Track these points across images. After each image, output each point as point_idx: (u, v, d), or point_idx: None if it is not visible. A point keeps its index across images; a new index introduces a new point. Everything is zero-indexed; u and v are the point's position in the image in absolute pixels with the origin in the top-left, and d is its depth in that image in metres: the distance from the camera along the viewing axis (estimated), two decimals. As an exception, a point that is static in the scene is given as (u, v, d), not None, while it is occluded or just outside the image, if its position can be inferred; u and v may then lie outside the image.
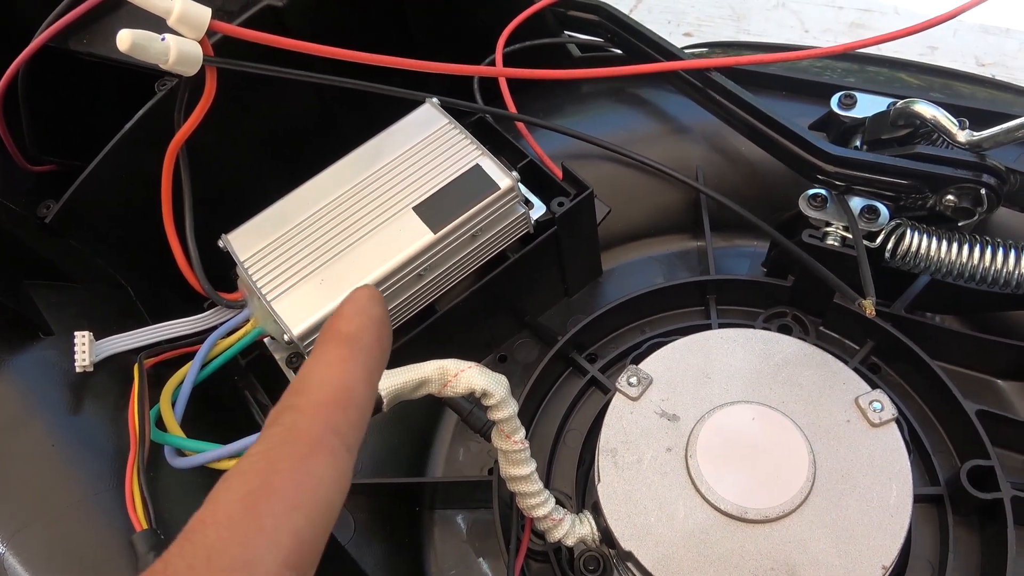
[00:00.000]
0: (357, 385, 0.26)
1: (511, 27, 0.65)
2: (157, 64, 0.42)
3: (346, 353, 0.27)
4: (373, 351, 0.28)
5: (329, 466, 0.24)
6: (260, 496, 0.22)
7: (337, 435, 0.24)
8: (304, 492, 0.22)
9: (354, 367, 0.27)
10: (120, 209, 0.55)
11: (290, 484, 0.22)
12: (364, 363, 0.27)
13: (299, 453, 0.23)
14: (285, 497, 0.22)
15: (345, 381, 0.26)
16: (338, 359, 0.27)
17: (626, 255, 0.66)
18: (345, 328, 0.28)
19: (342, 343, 0.27)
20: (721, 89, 0.58)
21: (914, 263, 0.52)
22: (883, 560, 0.42)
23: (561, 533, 0.44)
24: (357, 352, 0.27)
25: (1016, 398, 0.56)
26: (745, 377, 0.49)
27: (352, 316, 0.28)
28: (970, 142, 0.50)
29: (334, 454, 0.24)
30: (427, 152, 0.52)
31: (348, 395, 0.26)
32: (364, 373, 0.27)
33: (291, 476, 0.23)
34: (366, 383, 0.27)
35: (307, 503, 0.22)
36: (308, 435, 0.24)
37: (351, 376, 0.26)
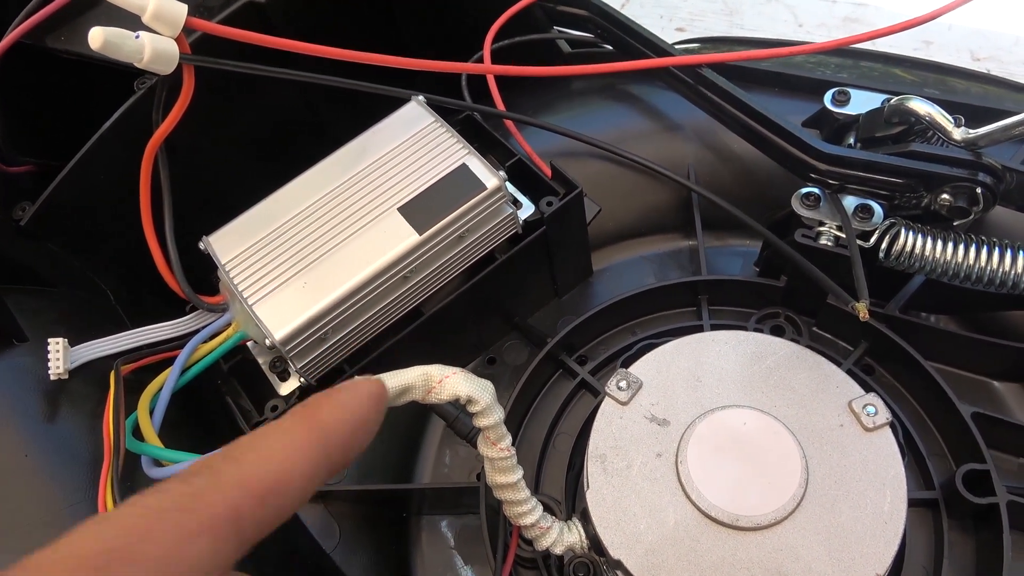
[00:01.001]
0: (295, 480, 0.24)
1: (499, 23, 0.64)
2: (132, 63, 0.41)
3: (306, 441, 0.25)
4: (334, 455, 0.25)
5: (207, 555, 0.21)
6: (115, 559, 0.20)
7: (236, 526, 0.22)
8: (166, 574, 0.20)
9: (304, 461, 0.24)
10: (98, 211, 0.54)
11: (154, 561, 0.20)
12: (316, 462, 0.25)
13: (185, 529, 0.21)
14: (142, 572, 0.20)
15: (285, 470, 0.24)
16: (294, 443, 0.25)
17: (617, 255, 0.65)
18: (326, 416, 0.26)
19: (312, 428, 0.25)
20: (712, 86, 0.57)
21: (909, 263, 0.52)
22: (877, 568, 0.41)
23: (549, 541, 0.43)
24: (318, 447, 0.25)
25: (1012, 400, 0.55)
26: (736, 380, 0.48)
27: (339, 406, 0.26)
28: (966, 140, 0.49)
29: (219, 543, 0.22)
30: (412, 151, 0.51)
31: (278, 487, 0.24)
32: (310, 471, 0.25)
33: (161, 551, 0.20)
34: (305, 482, 0.24)
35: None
36: (207, 512, 0.22)
37: (295, 468, 0.24)
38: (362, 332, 0.50)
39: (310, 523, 0.53)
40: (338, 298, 0.47)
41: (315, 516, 0.53)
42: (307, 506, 0.54)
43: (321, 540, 0.53)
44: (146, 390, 0.46)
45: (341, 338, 0.49)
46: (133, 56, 0.41)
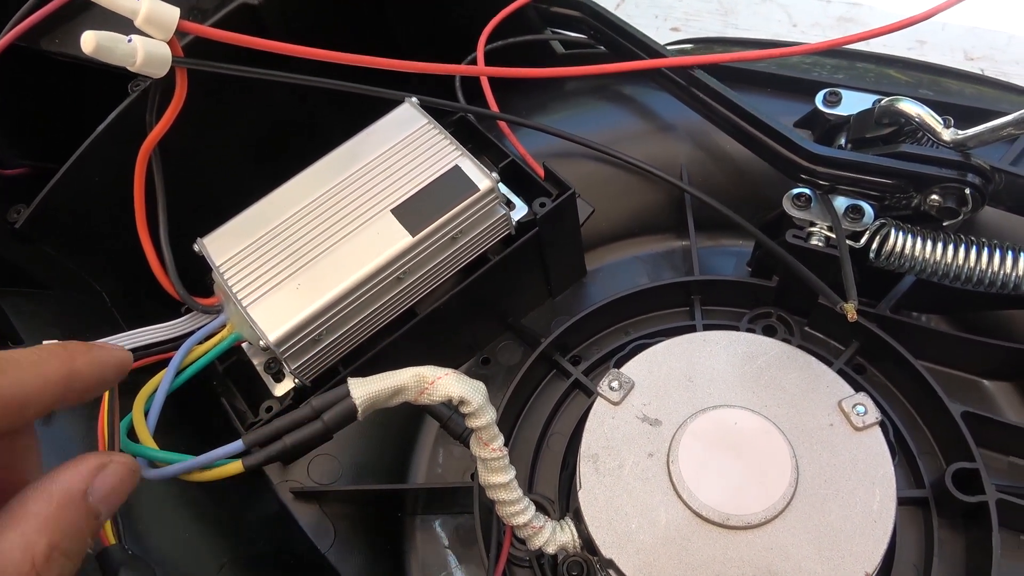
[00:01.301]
0: (32, 405, 0.26)
1: (492, 24, 0.65)
2: (124, 66, 0.42)
3: (55, 376, 0.28)
4: (69, 398, 0.28)
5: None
6: None
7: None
8: None
9: (46, 392, 0.27)
10: (94, 213, 0.54)
11: None
12: (55, 396, 0.27)
13: None
14: None
15: (30, 393, 0.27)
16: (45, 374, 0.27)
17: (610, 255, 0.66)
18: (80, 364, 0.29)
19: (62, 367, 0.28)
20: (704, 87, 0.58)
21: (899, 263, 0.52)
22: (866, 567, 0.41)
23: (541, 541, 0.44)
24: (62, 386, 0.28)
25: (1002, 399, 0.55)
26: (728, 380, 0.48)
27: (94, 362, 0.29)
28: (955, 141, 0.50)
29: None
30: (406, 153, 0.51)
31: (20, 406, 0.26)
32: (47, 402, 0.27)
33: None
34: (38, 409, 0.27)
35: None
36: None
37: (39, 395, 0.27)
38: (356, 333, 0.50)
39: (305, 523, 0.53)
40: (332, 300, 0.47)
41: (310, 516, 0.54)
42: (302, 506, 0.54)
43: (316, 540, 0.53)
44: (141, 392, 0.46)
45: (335, 339, 0.49)
46: (126, 60, 0.41)
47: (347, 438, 0.56)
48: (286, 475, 0.56)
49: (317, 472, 0.56)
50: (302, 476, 0.56)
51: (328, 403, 0.39)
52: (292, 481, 0.55)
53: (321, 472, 0.56)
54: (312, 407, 0.40)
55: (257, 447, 0.40)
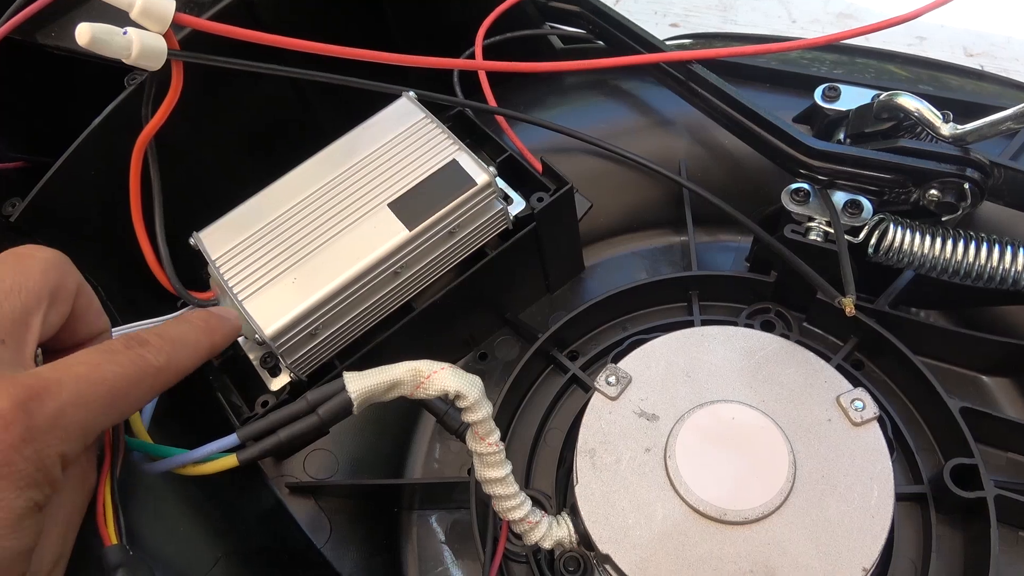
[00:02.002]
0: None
1: (491, 18, 0.65)
2: (120, 59, 0.41)
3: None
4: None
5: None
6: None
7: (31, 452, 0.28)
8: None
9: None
10: (89, 207, 0.54)
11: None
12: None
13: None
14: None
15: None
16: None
17: (608, 250, 0.66)
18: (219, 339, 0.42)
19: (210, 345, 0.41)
20: (703, 82, 0.57)
21: (898, 258, 0.52)
22: (863, 562, 0.41)
23: (538, 536, 0.44)
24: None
25: (1000, 394, 0.55)
26: (725, 376, 0.48)
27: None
28: (954, 135, 0.49)
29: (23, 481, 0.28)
30: (403, 147, 0.51)
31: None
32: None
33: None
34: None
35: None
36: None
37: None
38: (353, 328, 0.50)
39: (301, 518, 0.53)
40: (328, 294, 0.47)
41: (306, 511, 0.54)
42: (298, 501, 0.54)
43: (312, 535, 0.53)
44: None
45: (331, 334, 0.49)
46: (121, 52, 0.41)
47: (343, 432, 0.56)
48: (282, 470, 0.55)
49: (313, 467, 0.56)
50: (298, 471, 0.56)
51: (323, 397, 0.39)
52: (288, 476, 0.55)
53: (317, 467, 0.56)
54: (307, 401, 0.39)
55: (252, 441, 0.40)
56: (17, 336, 0.32)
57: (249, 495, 0.53)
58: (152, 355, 0.34)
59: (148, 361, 0.33)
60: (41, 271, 0.34)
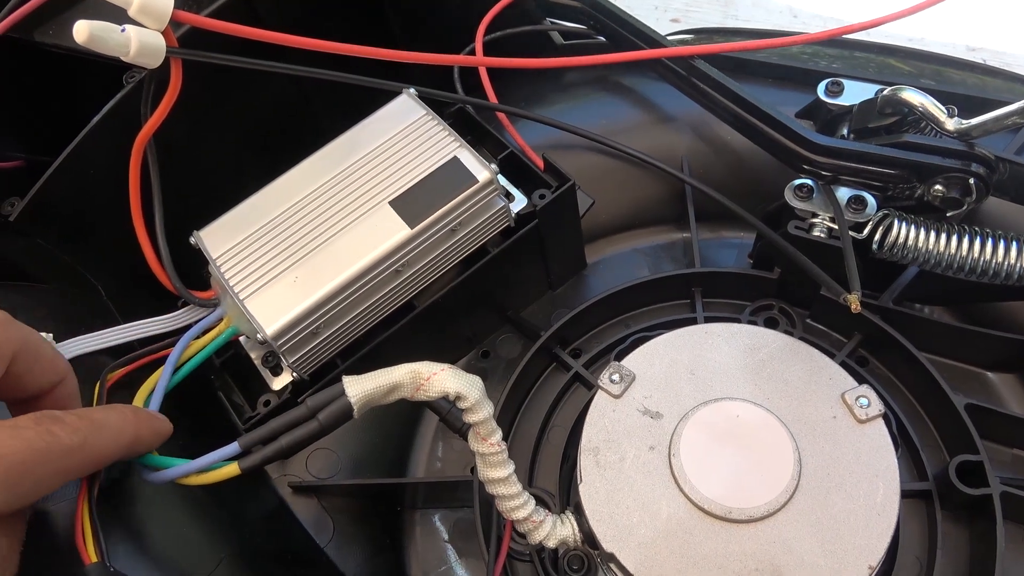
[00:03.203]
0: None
1: (491, 14, 0.64)
2: (118, 56, 0.41)
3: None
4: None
5: None
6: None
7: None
8: None
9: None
10: (89, 206, 0.54)
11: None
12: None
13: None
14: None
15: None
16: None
17: (611, 247, 0.65)
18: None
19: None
20: (705, 77, 0.57)
21: (902, 254, 0.51)
22: (869, 560, 0.41)
23: (542, 535, 0.43)
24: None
25: (1006, 391, 0.55)
26: (729, 373, 0.48)
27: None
28: (959, 130, 0.49)
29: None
30: (404, 145, 0.51)
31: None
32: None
33: None
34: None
35: None
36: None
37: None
38: (354, 326, 0.50)
39: (304, 518, 0.53)
40: (330, 292, 0.47)
41: (308, 511, 0.53)
42: (301, 501, 0.54)
43: (315, 535, 0.53)
44: (140, 390, 0.45)
45: (333, 332, 0.49)
46: (119, 50, 0.40)
47: (346, 432, 0.56)
48: (284, 469, 0.55)
49: (316, 466, 0.56)
50: (300, 470, 0.55)
51: (323, 402, 0.39)
52: (291, 475, 0.55)
53: (320, 466, 0.56)
54: (307, 406, 0.39)
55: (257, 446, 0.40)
56: None
57: (252, 495, 0.53)
58: (65, 433, 0.31)
59: (59, 439, 0.30)
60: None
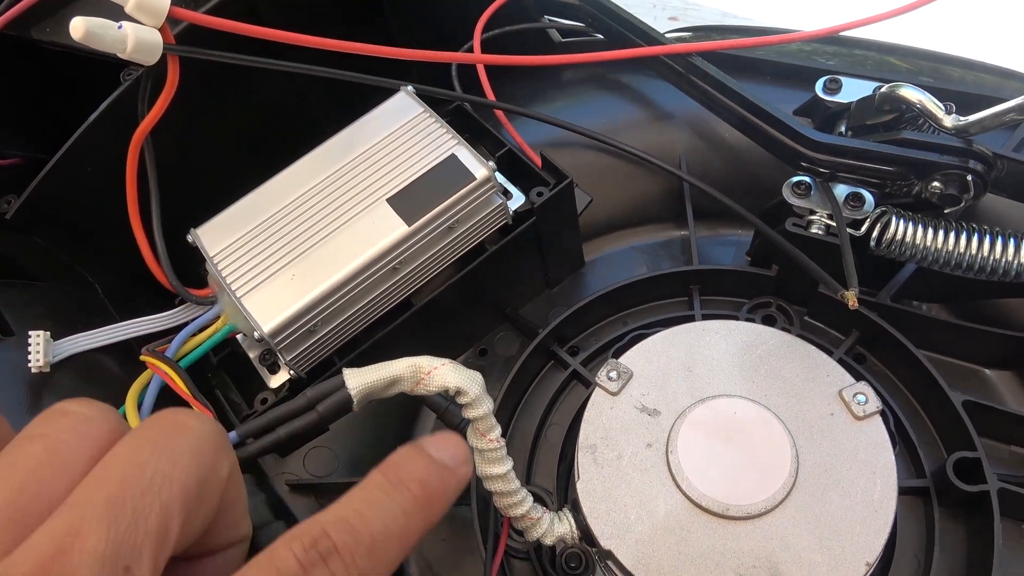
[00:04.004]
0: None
1: (489, 12, 0.64)
2: (115, 53, 0.41)
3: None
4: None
5: None
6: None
7: None
8: None
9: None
10: (86, 204, 0.54)
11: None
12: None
13: None
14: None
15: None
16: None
17: (608, 245, 0.65)
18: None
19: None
20: (703, 75, 0.57)
21: (900, 251, 0.51)
22: (867, 557, 0.41)
23: (539, 532, 0.43)
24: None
25: (1004, 387, 0.55)
26: (727, 370, 0.48)
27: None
28: (956, 127, 0.49)
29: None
30: (401, 142, 0.51)
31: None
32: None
33: None
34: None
35: None
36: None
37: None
38: (352, 324, 0.50)
39: (301, 516, 0.53)
40: (327, 290, 0.47)
41: (306, 509, 0.53)
42: (298, 499, 0.54)
43: (312, 533, 0.52)
44: (135, 384, 0.45)
45: (331, 330, 0.49)
46: (116, 47, 0.40)
47: (343, 429, 0.56)
48: (282, 467, 0.55)
49: (313, 464, 0.55)
50: (298, 468, 0.55)
51: (323, 394, 0.39)
52: (288, 473, 0.55)
53: (317, 464, 0.55)
54: (307, 398, 0.39)
55: (251, 438, 0.40)
56: (150, 556, 0.21)
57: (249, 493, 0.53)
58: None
59: None
60: (192, 452, 0.23)
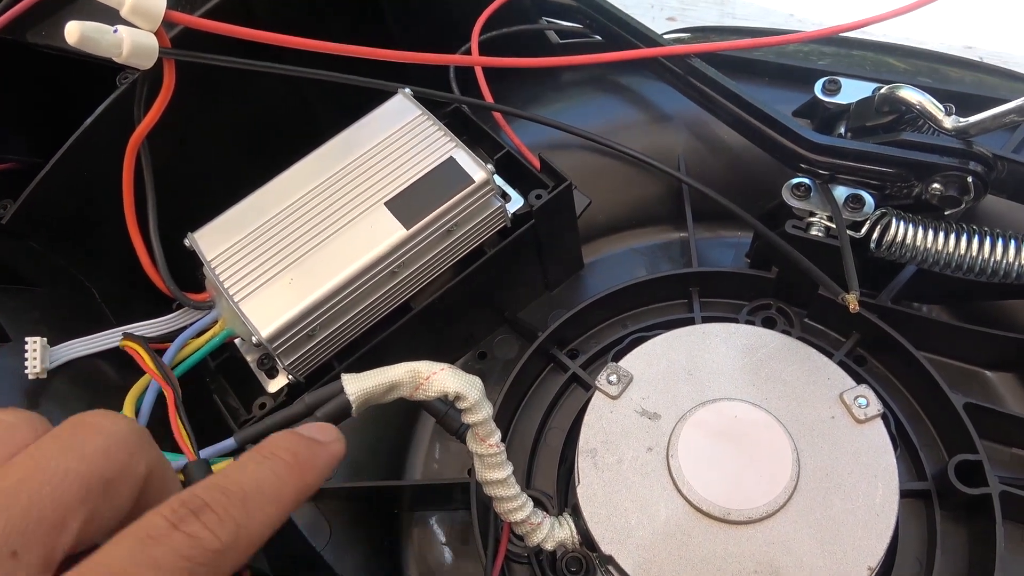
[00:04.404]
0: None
1: (487, 13, 0.64)
2: (111, 57, 0.41)
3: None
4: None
5: None
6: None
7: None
8: None
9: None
10: (82, 208, 0.53)
11: None
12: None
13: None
14: None
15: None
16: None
17: (608, 247, 0.65)
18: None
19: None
20: (702, 76, 0.57)
21: (900, 253, 0.51)
22: (869, 560, 0.41)
23: (540, 537, 0.43)
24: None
25: (1004, 389, 0.55)
26: (727, 373, 0.47)
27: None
28: (956, 128, 0.49)
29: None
30: (399, 145, 0.51)
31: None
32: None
33: None
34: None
35: None
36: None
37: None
38: (350, 328, 0.49)
39: (300, 521, 0.53)
40: (325, 294, 0.47)
41: (305, 514, 0.53)
42: (297, 504, 0.54)
43: (311, 537, 0.52)
44: (132, 389, 0.45)
45: (329, 334, 0.49)
46: (111, 51, 0.40)
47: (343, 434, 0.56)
48: (281, 472, 0.55)
49: (312, 469, 0.55)
50: (297, 473, 0.55)
51: (322, 399, 0.38)
52: (287, 478, 0.55)
53: (316, 469, 0.55)
54: (305, 403, 0.39)
55: (249, 444, 0.40)
56: (41, 544, 0.22)
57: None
58: (208, 535, 0.24)
59: (203, 546, 0.24)
60: (100, 451, 0.24)
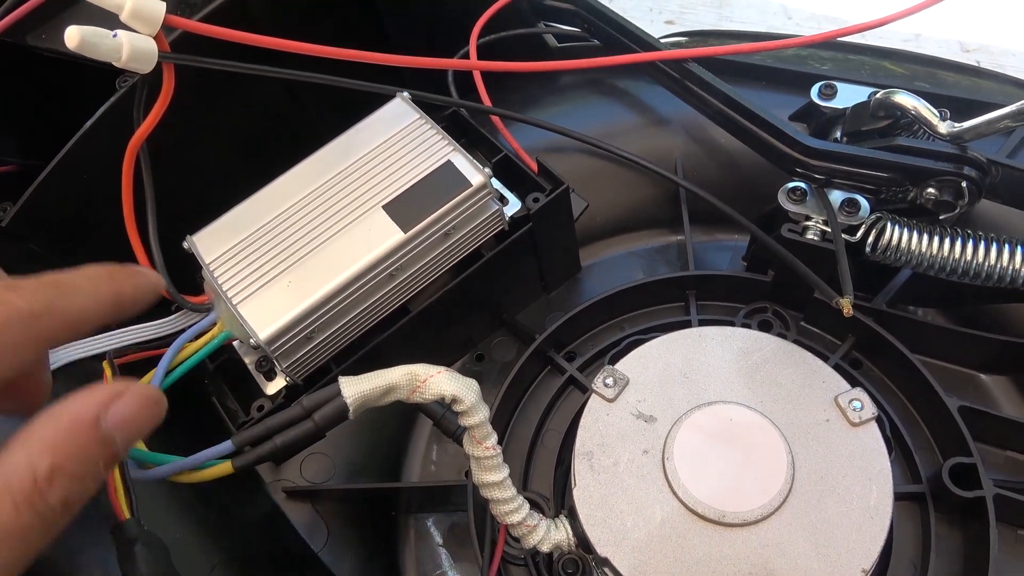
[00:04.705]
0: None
1: (485, 17, 0.64)
2: (110, 61, 0.41)
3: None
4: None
5: None
6: None
7: None
8: None
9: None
10: (81, 211, 0.54)
11: None
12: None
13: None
14: None
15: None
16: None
17: (605, 250, 0.65)
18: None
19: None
20: (698, 80, 0.57)
21: (895, 257, 0.51)
22: (863, 563, 0.41)
23: (536, 539, 0.43)
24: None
25: (999, 392, 0.55)
26: (723, 377, 0.48)
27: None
28: (951, 133, 0.49)
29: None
30: (397, 148, 0.51)
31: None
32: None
33: None
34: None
35: None
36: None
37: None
38: (348, 331, 0.50)
39: (298, 523, 0.53)
40: (323, 297, 0.47)
41: (303, 516, 0.53)
42: (295, 505, 0.54)
43: (309, 540, 0.53)
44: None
45: (327, 337, 0.49)
46: (111, 55, 0.40)
47: (340, 436, 0.56)
48: (278, 474, 0.55)
49: (310, 471, 0.55)
50: (295, 475, 0.55)
51: (319, 402, 0.39)
52: (285, 480, 0.55)
53: (314, 471, 0.55)
54: (303, 406, 0.39)
55: (247, 447, 0.40)
56: None
57: (246, 500, 0.53)
58: (22, 299, 0.28)
59: (14, 305, 0.28)
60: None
